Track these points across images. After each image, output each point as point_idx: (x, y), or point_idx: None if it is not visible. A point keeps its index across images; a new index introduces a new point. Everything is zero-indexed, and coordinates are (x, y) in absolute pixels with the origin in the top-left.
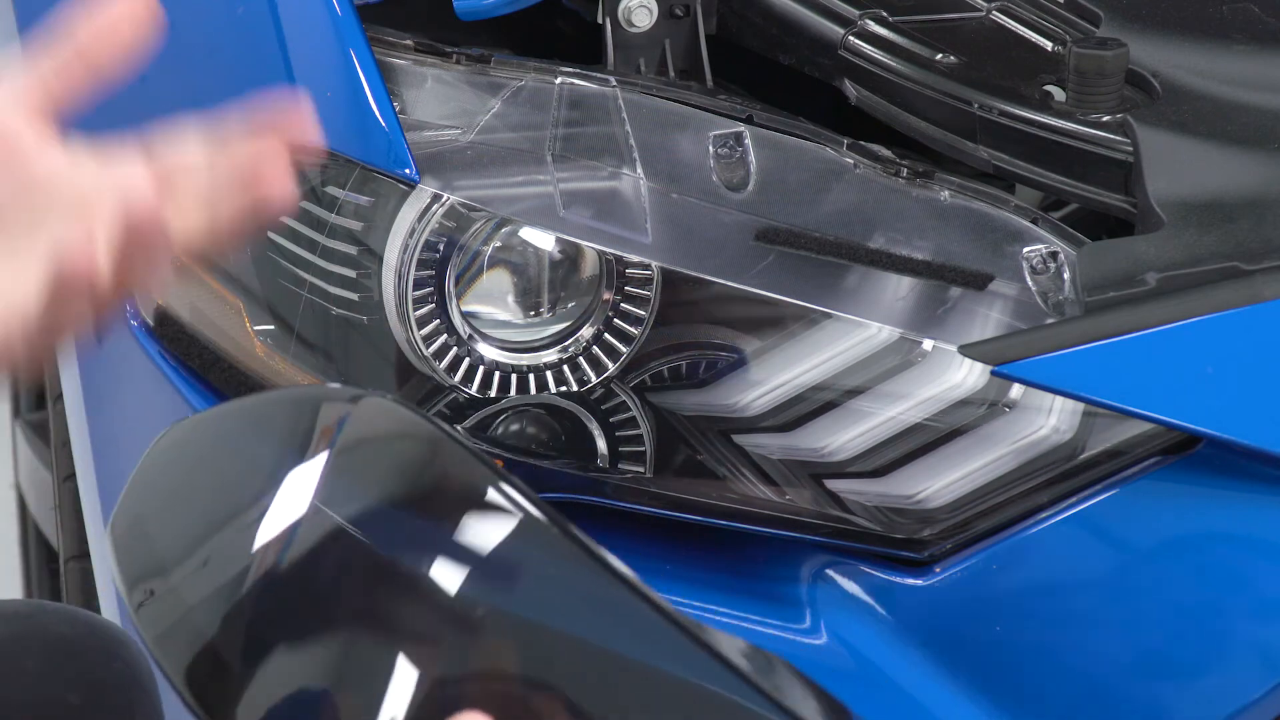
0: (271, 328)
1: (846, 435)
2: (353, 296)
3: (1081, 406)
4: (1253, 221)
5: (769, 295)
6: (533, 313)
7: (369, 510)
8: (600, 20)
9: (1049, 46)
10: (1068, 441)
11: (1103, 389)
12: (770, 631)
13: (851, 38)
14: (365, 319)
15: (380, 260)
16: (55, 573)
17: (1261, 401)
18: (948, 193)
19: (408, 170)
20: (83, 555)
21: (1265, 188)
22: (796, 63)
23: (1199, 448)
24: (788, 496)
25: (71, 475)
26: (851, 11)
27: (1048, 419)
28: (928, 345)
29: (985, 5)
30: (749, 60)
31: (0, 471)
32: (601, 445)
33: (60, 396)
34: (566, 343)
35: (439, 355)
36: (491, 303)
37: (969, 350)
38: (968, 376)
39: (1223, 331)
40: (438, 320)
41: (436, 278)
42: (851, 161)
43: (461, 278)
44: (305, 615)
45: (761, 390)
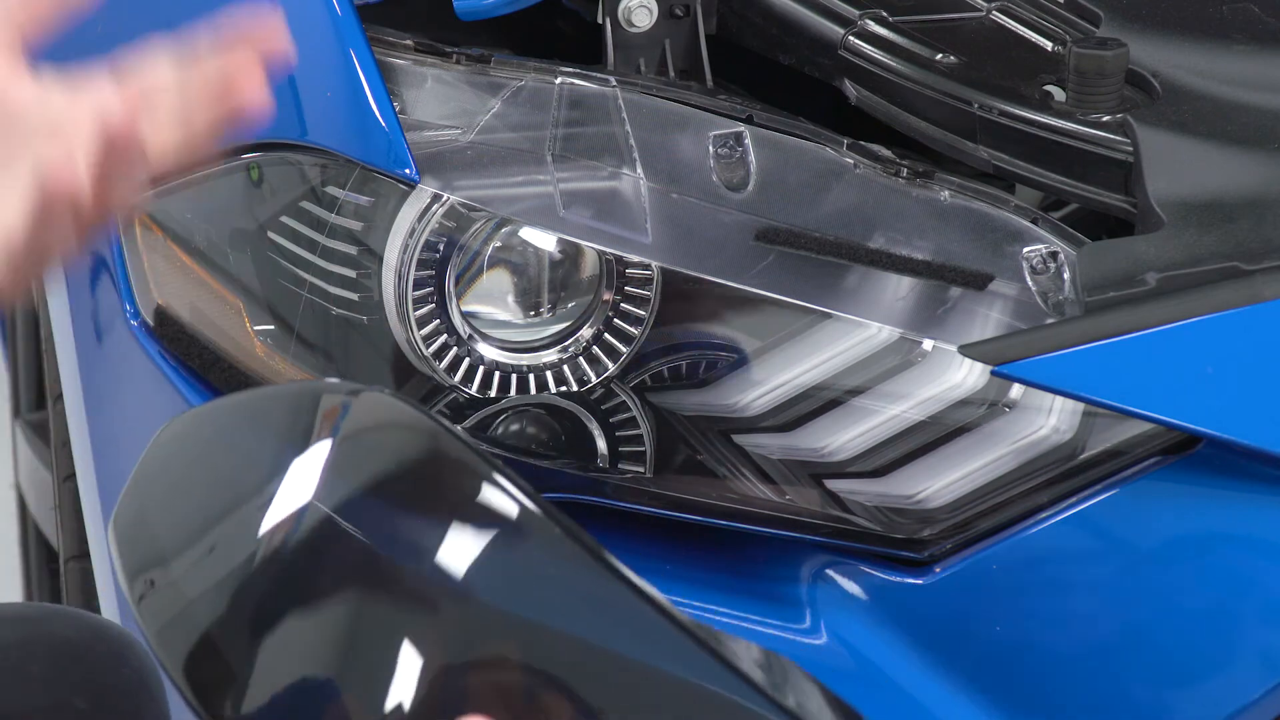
0: (271, 328)
1: (846, 435)
2: (353, 296)
3: (1081, 406)
4: (1253, 221)
5: (769, 295)
6: (533, 313)
7: (370, 503)
8: (600, 20)
9: (1049, 46)
10: (1068, 441)
11: (1103, 389)
12: (770, 631)
13: (851, 38)
14: (365, 319)
15: (380, 260)
16: (55, 573)
17: (1261, 401)
18: (948, 193)
19: (408, 170)
20: (83, 555)
21: (1265, 188)
22: (796, 63)
23: (1199, 448)
24: (788, 496)
25: (71, 475)
26: (851, 11)
27: (1048, 419)
28: (928, 345)
29: (985, 5)
30: (749, 60)
31: (0, 471)
32: (601, 445)
33: (60, 396)
34: (566, 343)
35: (439, 355)
36: (491, 303)
37: (969, 350)
38: (968, 376)
39: (1223, 331)
40: (438, 320)
41: (436, 278)
42: (851, 161)
43: (461, 278)
44: (306, 607)
45: (761, 390)
